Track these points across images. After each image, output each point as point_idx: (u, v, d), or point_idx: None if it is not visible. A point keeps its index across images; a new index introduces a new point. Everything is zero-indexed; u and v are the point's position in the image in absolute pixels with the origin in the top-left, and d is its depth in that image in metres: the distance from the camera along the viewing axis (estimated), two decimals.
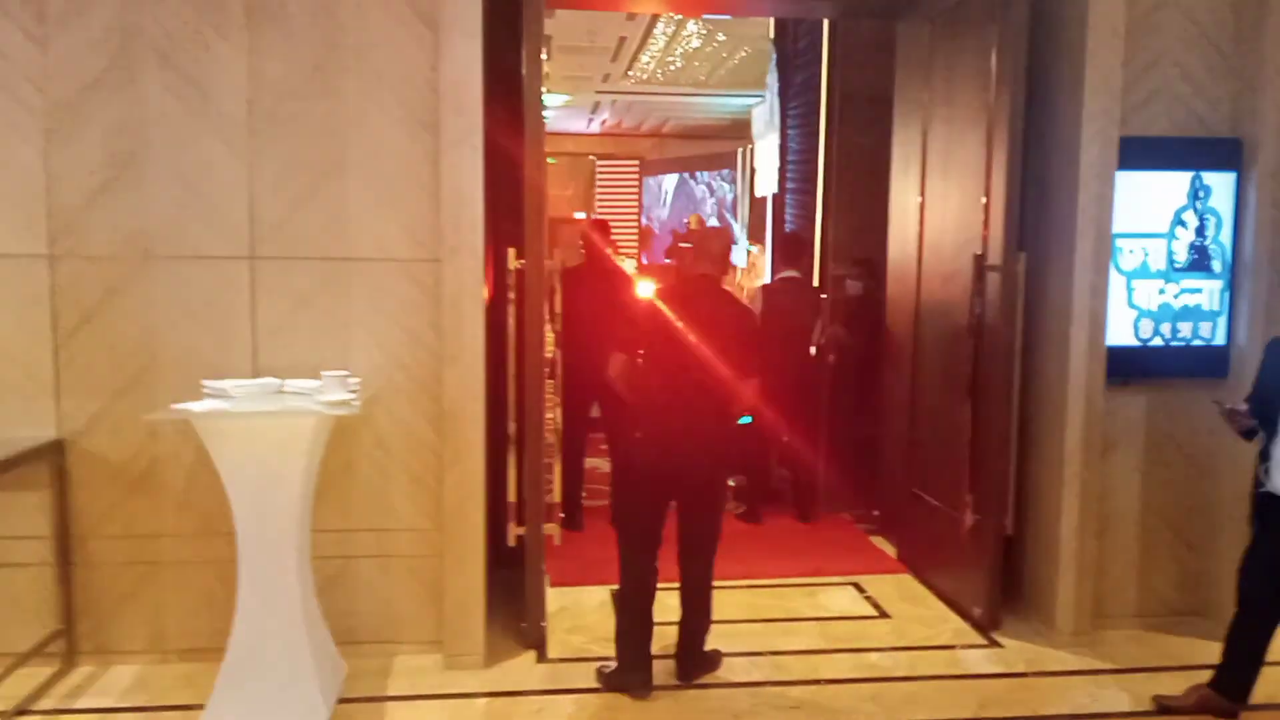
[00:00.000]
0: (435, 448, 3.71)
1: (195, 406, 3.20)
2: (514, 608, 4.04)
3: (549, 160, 4.98)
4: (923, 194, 4.70)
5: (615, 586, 3.73)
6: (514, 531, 3.89)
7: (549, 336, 4.07)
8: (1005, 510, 4.08)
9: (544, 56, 3.77)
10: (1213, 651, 3.79)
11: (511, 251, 3.82)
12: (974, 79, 4.14)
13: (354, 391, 3.36)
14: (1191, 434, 4.01)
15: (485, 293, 3.72)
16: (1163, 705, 3.42)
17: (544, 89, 3.81)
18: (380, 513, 3.74)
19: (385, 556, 3.76)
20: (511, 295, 3.81)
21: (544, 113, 3.85)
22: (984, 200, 4.03)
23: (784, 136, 6.89)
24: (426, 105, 3.60)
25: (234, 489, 3.23)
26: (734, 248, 11.00)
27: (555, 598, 4.33)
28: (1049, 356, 4.02)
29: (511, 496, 3.91)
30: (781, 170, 6.94)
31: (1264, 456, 3.22)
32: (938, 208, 4.56)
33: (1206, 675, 3.64)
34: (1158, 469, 4.08)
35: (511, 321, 3.82)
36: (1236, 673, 3.37)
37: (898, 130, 5.10)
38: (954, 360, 4.29)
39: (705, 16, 9.95)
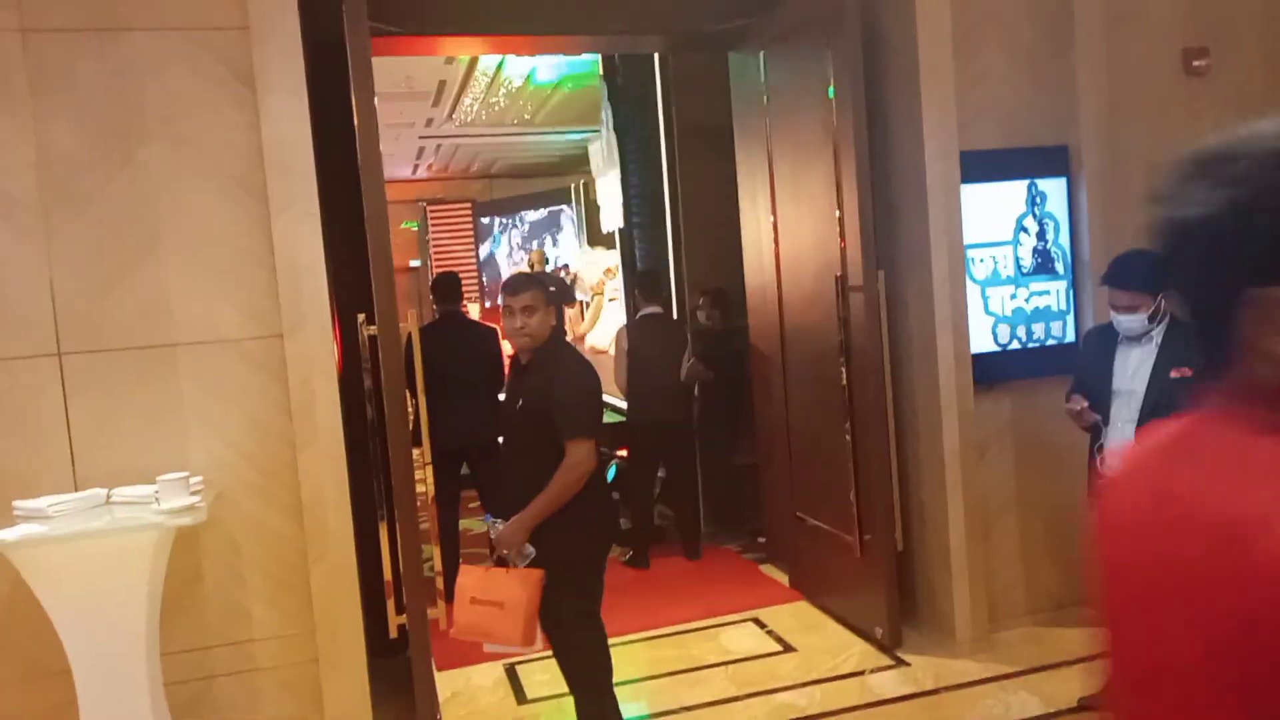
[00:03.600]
0: (296, 543, 3.37)
1: (7, 534, 2.77)
2: (401, 702, 3.72)
3: None
4: (775, 220, 4.73)
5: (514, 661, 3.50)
6: (395, 622, 3.58)
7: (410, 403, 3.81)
8: (894, 526, 4.12)
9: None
10: None
11: (361, 318, 3.55)
12: (814, 104, 4.20)
13: (197, 493, 3.01)
14: (1055, 431, 4.14)
15: (336, 366, 3.43)
16: (1085, 705, 3.49)
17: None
18: (238, 624, 3.36)
19: (250, 671, 3.37)
20: (366, 365, 3.53)
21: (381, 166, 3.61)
22: (838, 223, 4.08)
23: (625, 171, 6.86)
24: (251, 169, 3.30)
25: (65, 625, 2.82)
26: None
27: (444, 683, 4.03)
28: (918, 369, 4.09)
29: (388, 579, 3.61)
30: (626, 205, 6.89)
31: (1099, 448, 3.34)
32: (792, 233, 4.60)
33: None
34: (1029, 468, 4.21)
35: (368, 392, 3.55)
36: None
37: (741, 160, 5.14)
38: (826, 382, 4.31)
39: (526, 56, 9.93)
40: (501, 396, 5.37)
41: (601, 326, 9.68)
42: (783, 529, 5.05)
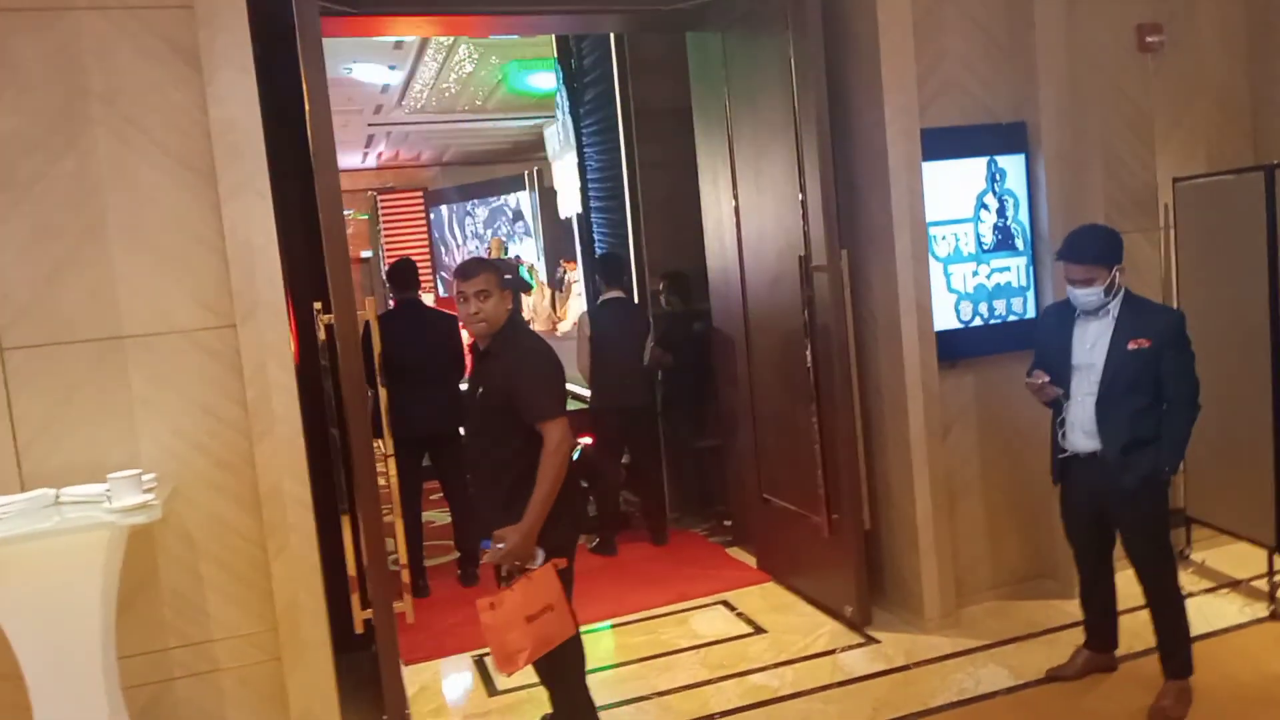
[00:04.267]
0: (254, 537, 3.28)
1: None
2: (367, 697, 3.65)
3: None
4: (736, 202, 4.70)
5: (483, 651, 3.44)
6: (361, 616, 3.50)
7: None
8: (861, 506, 4.13)
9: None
10: (1066, 610, 4.01)
11: (317, 306, 3.45)
12: (775, 84, 4.17)
13: (150, 490, 2.89)
14: (1017, 406, 4.18)
15: (293, 355, 3.34)
16: (1053, 676, 3.53)
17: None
18: (198, 623, 3.26)
19: (210, 672, 3.28)
20: (323, 354, 3.44)
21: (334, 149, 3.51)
22: (801, 203, 4.06)
23: (581, 155, 6.78)
24: (199, 152, 3.18)
25: (15, 630, 2.71)
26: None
27: (410, 677, 3.96)
28: (882, 348, 4.10)
29: (352, 573, 3.52)
30: (584, 190, 6.82)
31: (1060, 422, 3.38)
32: (754, 215, 4.57)
33: (1067, 636, 3.82)
34: (992, 443, 4.25)
35: (327, 382, 3.45)
36: (1097, 625, 3.54)
37: (701, 141, 5.10)
38: (791, 363, 4.30)
39: (476, 40, 9.78)
40: (464, 386, 5.35)
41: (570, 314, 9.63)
42: (749, 511, 5.04)
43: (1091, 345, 3.29)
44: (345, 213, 3.53)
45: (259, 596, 3.29)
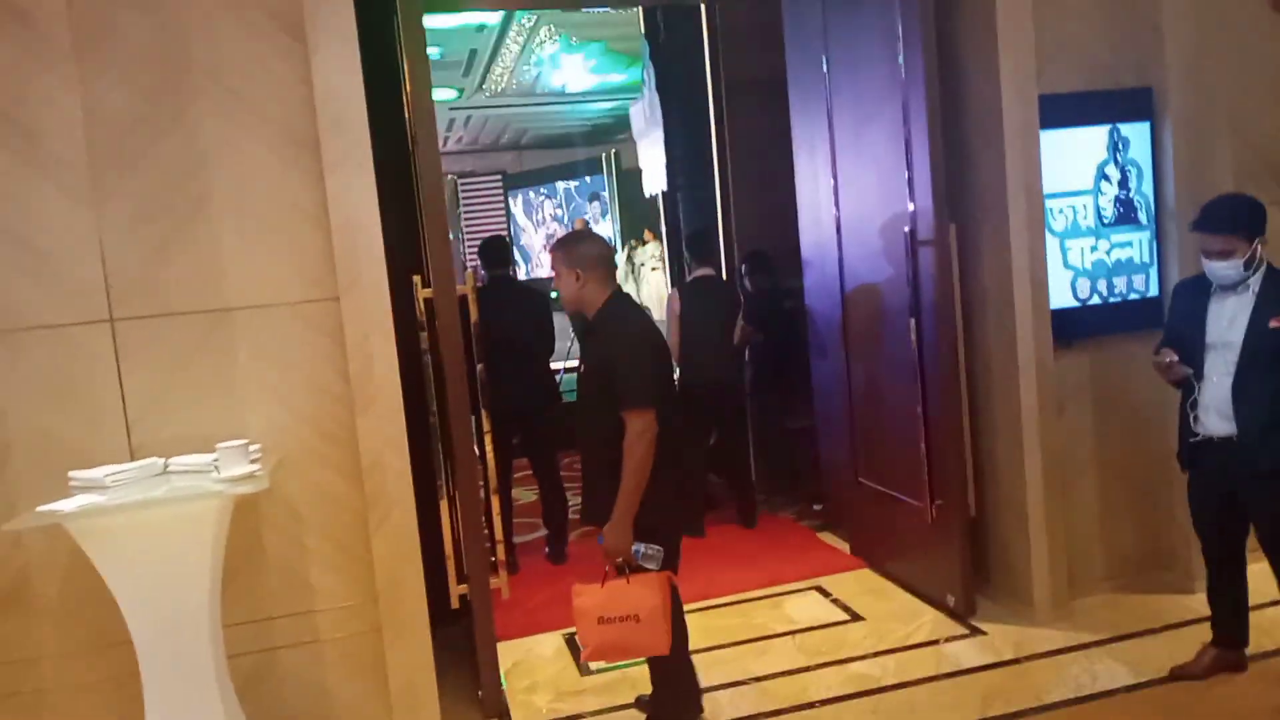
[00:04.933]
0: (357, 509, 3.28)
1: (64, 505, 2.69)
2: (463, 671, 3.66)
3: None
4: (835, 175, 4.55)
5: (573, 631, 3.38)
6: (457, 591, 3.49)
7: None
8: (966, 490, 3.97)
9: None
10: (1186, 605, 3.81)
11: (417, 279, 3.43)
12: (879, 49, 4.00)
13: (256, 460, 2.91)
14: (1137, 388, 3.97)
15: (393, 328, 3.32)
16: (1178, 674, 3.34)
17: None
18: (300, 593, 3.28)
19: (313, 642, 3.30)
20: (423, 329, 3.43)
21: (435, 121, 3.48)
22: (906, 174, 3.90)
23: (668, 132, 6.68)
24: (301, 125, 3.17)
25: (126, 598, 2.75)
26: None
27: (504, 653, 3.93)
28: (992, 326, 3.92)
29: (449, 551, 3.52)
30: (670, 166, 6.72)
31: (1192, 404, 3.17)
32: (854, 187, 4.42)
33: (1190, 632, 3.61)
34: (1108, 426, 4.03)
35: (428, 356, 3.44)
36: (1226, 621, 3.33)
37: (796, 113, 4.94)
38: (892, 341, 4.15)
39: (559, 21, 9.74)
40: (552, 362, 5.33)
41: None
42: (843, 495, 4.91)
43: (1229, 322, 3.08)
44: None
45: (361, 568, 3.29)
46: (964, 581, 3.93)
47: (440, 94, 11.60)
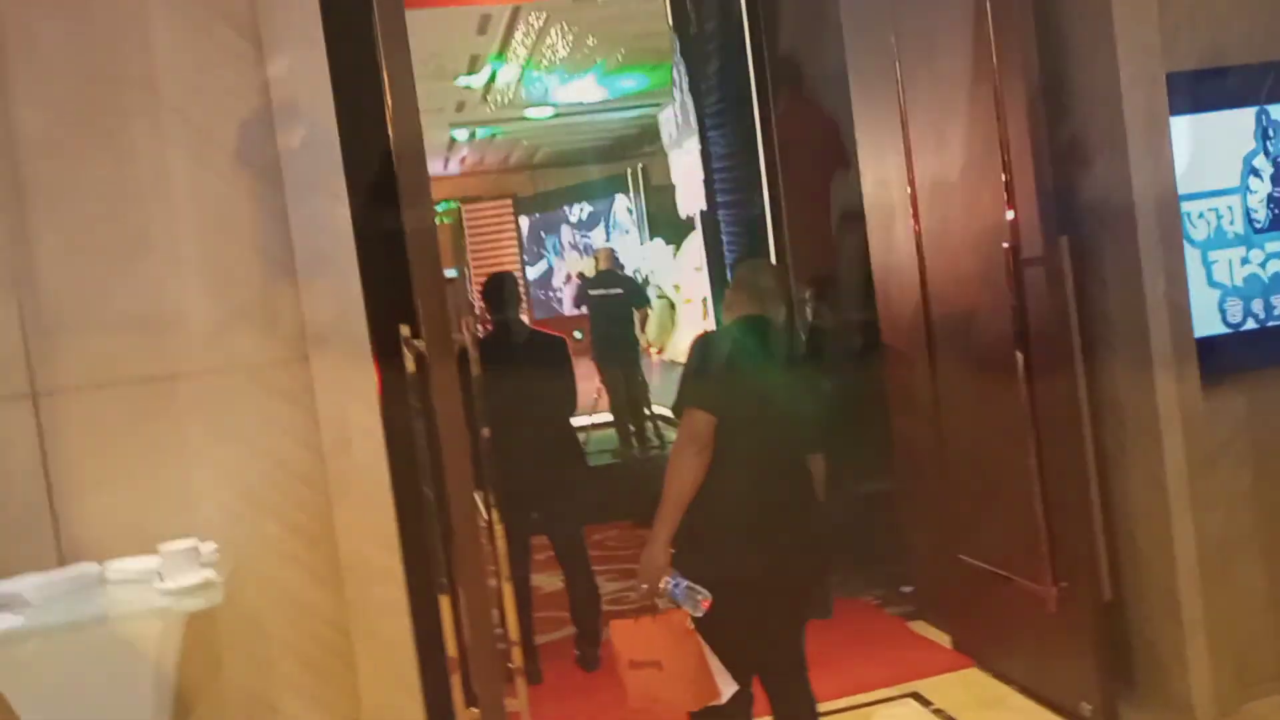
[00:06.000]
0: (335, 620, 3.09)
1: None
2: None
3: None
4: (911, 183, 4.35)
5: None
6: (464, 719, 3.24)
7: None
8: (1099, 570, 3.69)
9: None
10: None
11: (405, 329, 3.23)
12: (963, 31, 3.82)
13: (210, 565, 2.71)
14: None
15: (376, 391, 3.13)
16: None
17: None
18: None
19: None
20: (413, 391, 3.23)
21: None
22: (1004, 177, 3.68)
23: (705, 141, 6.53)
24: (258, 145, 3.03)
25: None
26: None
27: None
28: (1121, 363, 3.67)
29: (452, 664, 3.28)
30: (708, 182, 6.56)
31: None
32: (936, 197, 4.22)
33: None
34: (1273, 485, 3.74)
35: (418, 424, 3.24)
36: None
37: (860, 110, 4.79)
38: (994, 384, 3.90)
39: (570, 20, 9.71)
40: (574, 420, 5.13)
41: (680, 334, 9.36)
42: (939, 575, 4.63)
43: None
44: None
45: (341, 696, 3.10)
46: (1101, 684, 3.62)
47: (436, 106, 11.61)
